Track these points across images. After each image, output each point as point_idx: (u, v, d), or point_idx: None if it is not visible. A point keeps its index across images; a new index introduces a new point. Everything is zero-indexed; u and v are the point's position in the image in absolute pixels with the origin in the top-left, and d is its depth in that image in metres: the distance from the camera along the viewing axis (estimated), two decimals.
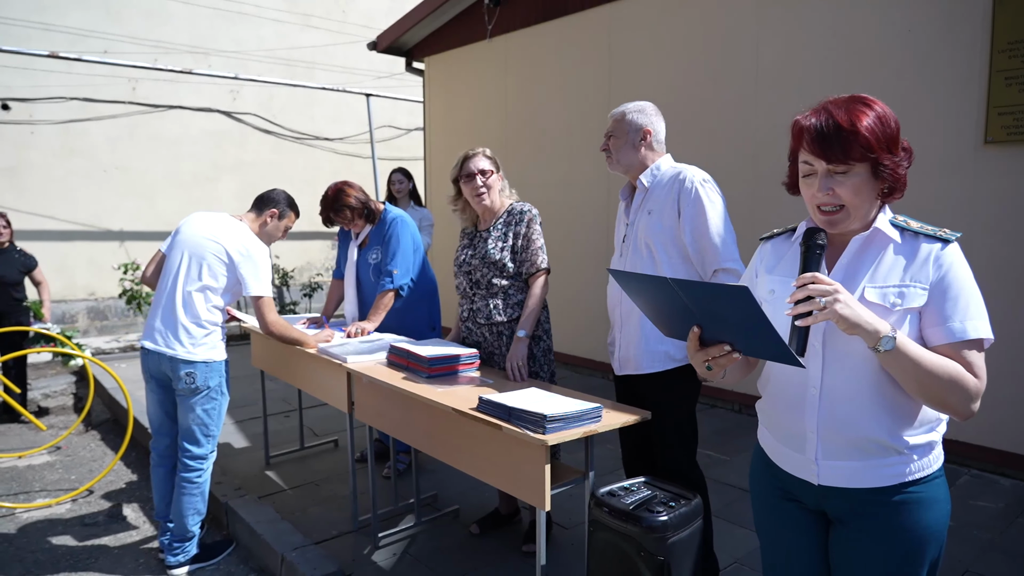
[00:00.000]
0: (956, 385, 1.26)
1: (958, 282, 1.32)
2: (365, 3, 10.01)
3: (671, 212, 2.42)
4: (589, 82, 5.74)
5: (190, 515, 2.98)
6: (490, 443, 2.25)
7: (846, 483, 1.40)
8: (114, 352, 7.34)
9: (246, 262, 3.00)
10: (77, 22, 7.70)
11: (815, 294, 1.25)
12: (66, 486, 4.11)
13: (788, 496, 1.52)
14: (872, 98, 1.36)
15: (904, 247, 1.37)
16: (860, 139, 1.30)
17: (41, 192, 7.68)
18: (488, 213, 2.97)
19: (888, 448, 1.35)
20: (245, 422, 4.84)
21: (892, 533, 1.38)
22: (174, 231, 3.11)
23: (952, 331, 1.30)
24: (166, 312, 2.96)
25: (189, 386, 2.93)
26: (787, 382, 1.45)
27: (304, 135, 9.66)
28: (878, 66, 4.00)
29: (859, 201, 1.34)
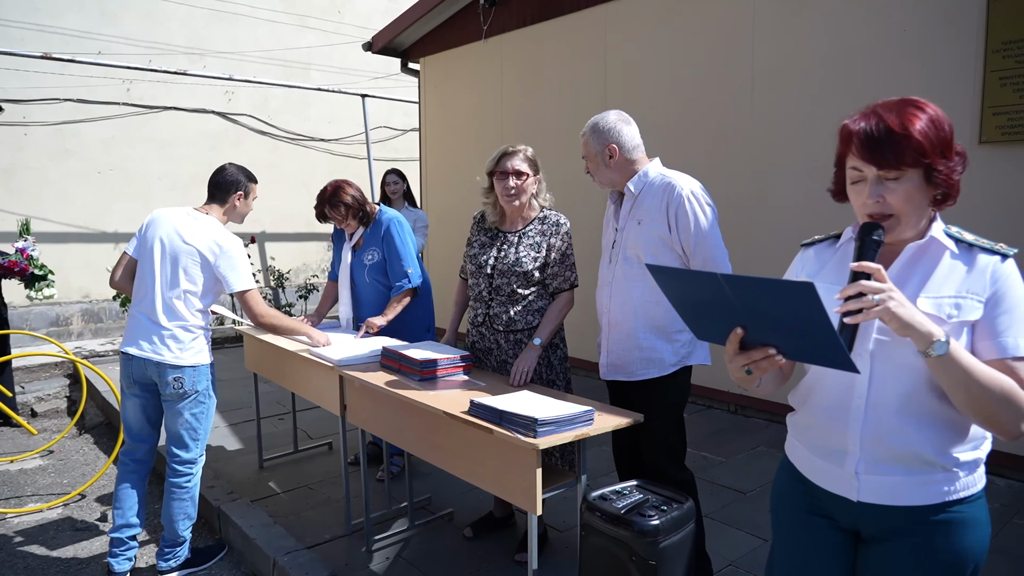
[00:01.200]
0: (1008, 400, 1.21)
1: (1015, 298, 1.27)
2: (361, 4, 9.99)
3: (661, 223, 2.41)
4: (585, 82, 5.72)
5: (181, 520, 2.96)
6: (481, 447, 2.23)
7: (887, 500, 1.34)
8: (108, 354, 7.30)
9: (222, 259, 2.92)
10: (72, 23, 7.68)
11: (868, 291, 1.19)
12: (58, 490, 4.08)
13: (820, 512, 1.46)
14: (924, 101, 1.31)
15: (960, 258, 1.31)
16: (913, 143, 1.24)
17: (35, 194, 7.65)
18: (516, 214, 2.86)
19: (934, 464, 1.30)
20: (238, 425, 4.82)
21: (930, 554, 1.33)
22: (139, 231, 3.00)
23: (1005, 346, 1.25)
24: (149, 318, 2.89)
25: (177, 391, 2.89)
26: (831, 392, 1.40)
27: (300, 136, 9.63)
28: (873, 67, 3.99)
29: (911, 208, 1.29)
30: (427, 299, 3.68)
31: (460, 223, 6.92)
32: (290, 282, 9.36)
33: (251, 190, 3.18)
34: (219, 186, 3.09)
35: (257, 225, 9.27)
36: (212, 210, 3.07)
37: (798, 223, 4.35)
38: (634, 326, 2.46)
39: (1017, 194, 3.55)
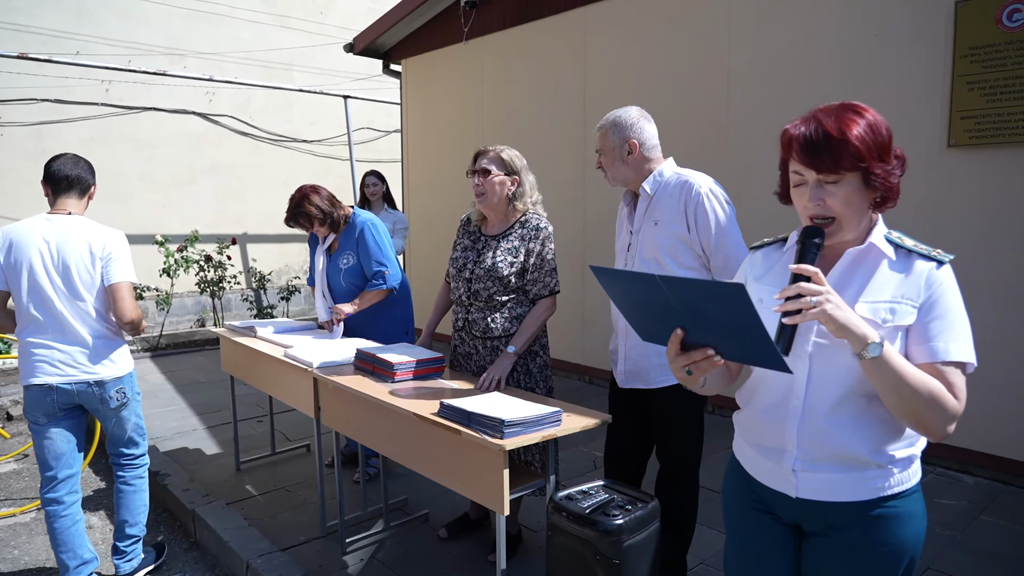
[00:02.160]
0: (936, 403, 1.25)
1: (947, 304, 1.31)
2: (343, 4, 9.97)
3: (679, 222, 2.38)
4: (565, 84, 5.75)
5: (142, 511, 2.98)
6: (450, 448, 2.25)
7: (824, 496, 1.39)
8: None
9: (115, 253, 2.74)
10: (49, 23, 7.61)
11: (806, 292, 1.22)
12: (32, 494, 4.05)
13: (764, 508, 1.50)
14: (863, 106, 1.34)
15: (898, 264, 1.35)
16: (850, 148, 1.28)
17: (12, 195, 7.56)
18: (494, 216, 2.83)
19: (868, 463, 1.35)
20: (216, 427, 4.80)
21: (867, 547, 1.37)
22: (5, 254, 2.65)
23: (935, 350, 1.29)
24: (63, 340, 2.68)
25: (121, 401, 2.82)
26: (771, 392, 1.44)
27: (282, 137, 9.60)
28: (845, 70, 4.04)
29: (850, 211, 1.33)
30: (406, 301, 3.68)
31: (442, 225, 6.93)
32: (272, 283, 9.32)
33: (93, 182, 2.95)
34: (75, 181, 2.81)
35: (239, 226, 9.23)
36: (75, 208, 2.81)
37: (773, 222, 4.39)
38: None
39: (984, 197, 3.61)
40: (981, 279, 3.64)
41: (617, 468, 2.67)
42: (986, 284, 3.63)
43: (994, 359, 3.61)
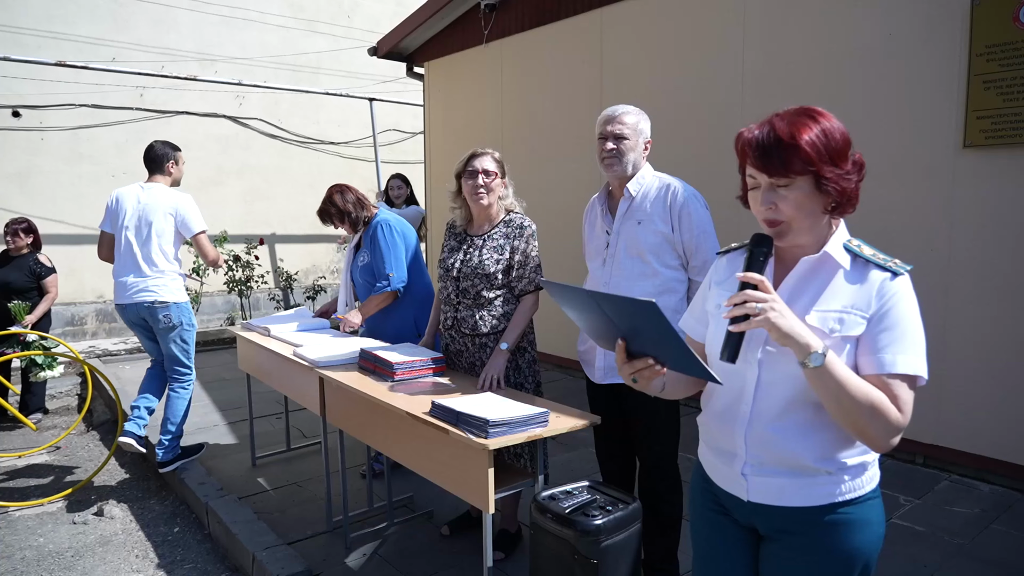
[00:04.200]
0: (877, 414, 1.24)
1: (898, 315, 1.29)
2: (370, 8, 10.11)
3: (664, 222, 2.44)
4: (581, 85, 5.77)
5: (180, 416, 3.93)
6: (441, 447, 2.30)
7: (774, 501, 1.39)
8: (120, 354, 7.49)
9: (180, 212, 3.84)
10: (86, 31, 7.88)
11: (751, 300, 1.23)
12: (61, 485, 4.22)
13: (721, 511, 1.52)
14: (822, 111, 1.34)
15: (853, 274, 1.34)
16: (800, 152, 1.27)
17: (50, 197, 7.86)
18: (483, 216, 2.89)
19: (817, 470, 1.35)
20: (235, 424, 4.93)
21: (820, 553, 1.37)
22: (108, 209, 3.91)
23: (882, 362, 1.28)
24: (134, 273, 3.78)
25: (167, 325, 3.84)
26: (725, 397, 1.45)
27: (309, 139, 9.78)
28: (859, 71, 3.99)
29: (802, 216, 1.32)
30: (424, 304, 3.60)
31: None
32: (299, 283, 9.50)
33: (178, 157, 4.04)
34: (154, 160, 3.95)
35: (266, 227, 9.43)
36: (159, 179, 3.96)
37: None
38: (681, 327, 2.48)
39: (1000, 198, 3.54)
40: (997, 282, 3.57)
41: (608, 463, 2.70)
42: (1002, 287, 3.55)
43: (1011, 363, 3.53)
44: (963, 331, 3.68)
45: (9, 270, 5.23)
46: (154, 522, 3.68)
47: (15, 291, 5.17)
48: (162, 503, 3.94)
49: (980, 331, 3.63)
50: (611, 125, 2.48)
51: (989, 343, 3.60)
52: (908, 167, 3.83)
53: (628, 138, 2.48)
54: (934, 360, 3.80)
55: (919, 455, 3.90)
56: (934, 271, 3.75)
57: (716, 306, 1.47)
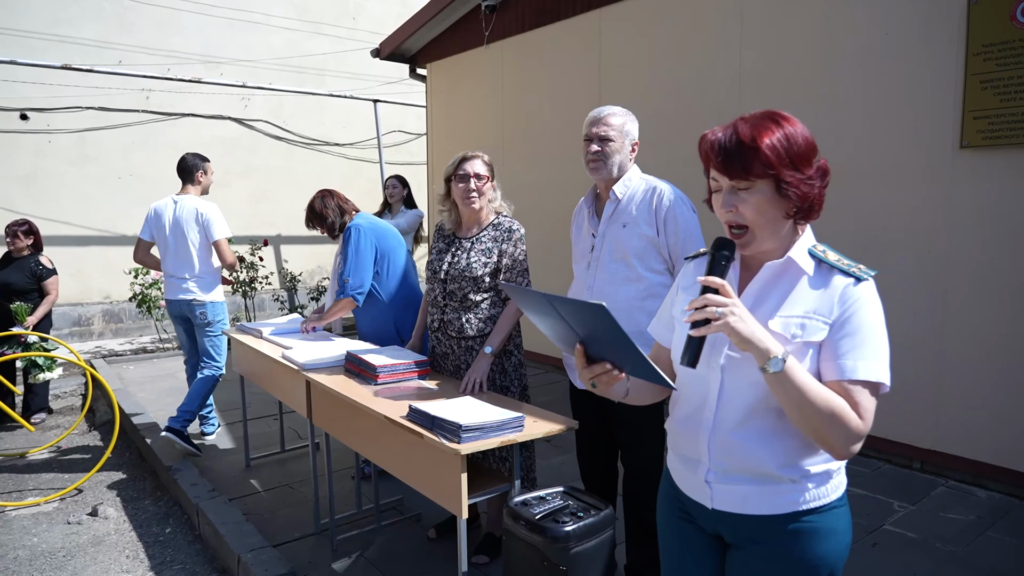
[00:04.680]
0: (836, 420, 1.23)
1: (860, 320, 1.27)
2: (375, 10, 10.13)
3: (649, 225, 2.41)
4: (580, 85, 5.75)
5: (197, 398, 4.32)
6: (417, 451, 2.29)
7: (738, 508, 1.38)
8: (126, 354, 7.55)
9: (206, 219, 4.33)
10: (92, 34, 7.95)
11: (711, 304, 1.22)
12: (59, 485, 4.25)
13: (687, 518, 1.51)
14: (787, 116, 1.32)
15: (816, 279, 1.32)
16: (761, 156, 1.26)
17: (57, 199, 7.94)
18: (472, 219, 2.89)
19: (780, 477, 1.33)
20: (233, 424, 4.95)
21: (784, 562, 1.36)
22: (147, 221, 4.46)
23: (843, 368, 1.26)
24: (176, 275, 4.36)
25: (203, 320, 4.38)
26: (690, 403, 1.44)
27: (314, 140, 9.81)
28: (856, 71, 3.94)
29: (763, 220, 1.30)
30: (404, 306, 3.59)
31: None
32: (303, 284, 9.54)
33: (207, 167, 4.49)
34: (186, 171, 4.43)
35: (271, 228, 9.47)
36: (190, 190, 4.44)
37: None
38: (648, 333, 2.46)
39: (998, 199, 3.48)
40: (994, 284, 3.51)
41: (590, 469, 2.68)
42: (1000, 289, 3.49)
43: (1011, 367, 3.48)
44: (962, 334, 3.63)
45: (10, 271, 5.28)
46: (147, 522, 3.71)
47: (16, 292, 5.22)
48: (156, 503, 3.96)
49: (979, 334, 3.57)
50: (596, 127, 2.46)
51: (988, 346, 3.55)
52: (905, 168, 3.78)
53: (613, 140, 2.45)
54: (932, 363, 3.76)
55: (917, 460, 3.85)
56: (932, 273, 3.70)
57: (681, 311, 1.46)
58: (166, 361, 7.33)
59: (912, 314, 3.76)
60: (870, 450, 4.02)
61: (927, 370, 3.74)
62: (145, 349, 7.69)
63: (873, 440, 3.98)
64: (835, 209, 4.02)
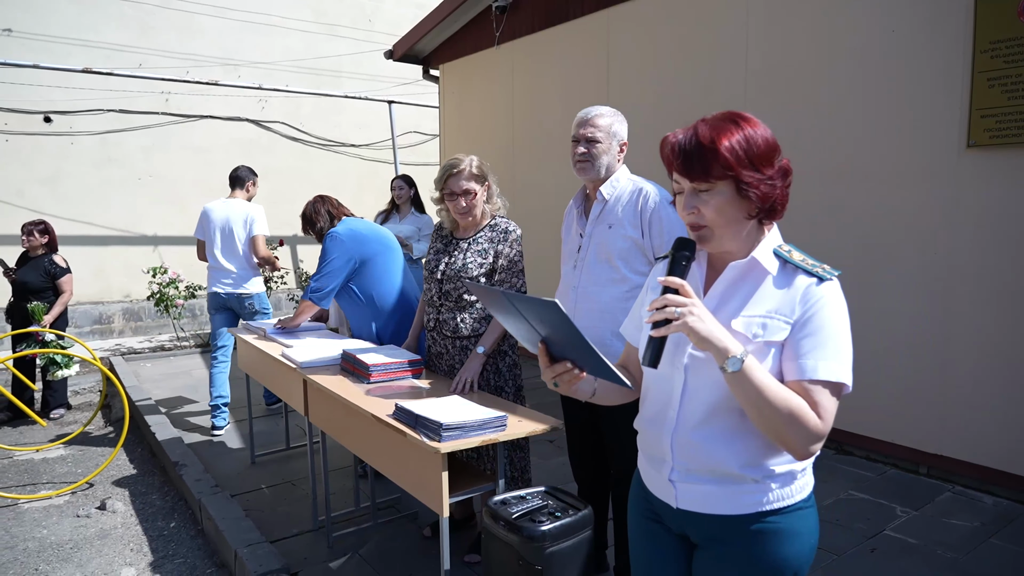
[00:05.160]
0: (795, 420, 1.22)
1: (822, 321, 1.27)
2: (391, 12, 10.21)
3: (634, 227, 2.41)
4: (589, 85, 5.74)
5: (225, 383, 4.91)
6: (402, 449, 2.31)
7: (701, 508, 1.38)
8: (144, 352, 7.70)
9: (252, 218, 4.91)
10: (113, 38, 8.12)
11: (671, 304, 1.23)
12: (71, 479, 4.35)
13: (654, 518, 1.51)
14: (748, 117, 1.32)
15: (780, 279, 1.32)
16: (720, 157, 1.26)
17: (79, 200, 8.11)
18: (468, 222, 2.90)
19: (742, 477, 1.33)
20: (243, 422, 5.01)
21: (747, 563, 1.36)
22: (200, 221, 4.93)
23: (803, 368, 1.26)
24: (222, 269, 4.85)
25: (251, 309, 4.88)
26: (655, 402, 1.44)
27: (330, 142, 9.91)
28: (861, 68, 3.89)
29: (724, 221, 1.31)
30: (391, 311, 3.52)
31: None
32: None
33: (255, 181, 5.18)
34: (238, 179, 5.07)
35: (288, 228, 9.56)
36: (239, 194, 5.04)
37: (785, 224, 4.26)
38: (600, 331, 2.46)
39: (1006, 200, 3.41)
40: (1000, 285, 3.44)
41: (580, 471, 2.68)
42: (1006, 291, 3.42)
43: (1018, 370, 3.40)
44: (967, 337, 3.56)
45: (26, 270, 5.41)
46: (153, 517, 3.78)
47: (32, 291, 5.35)
48: (163, 498, 4.04)
49: (985, 337, 3.51)
50: (583, 128, 2.46)
51: (993, 349, 3.48)
52: (910, 168, 3.72)
53: (600, 141, 2.45)
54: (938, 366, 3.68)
55: (923, 465, 3.79)
56: (936, 275, 3.64)
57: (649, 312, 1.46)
58: (182, 359, 7.46)
59: (916, 316, 3.70)
60: (876, 454, 3.96)
61: (932, 372, 3.67)
62: (163, 347, 7.83)
63: (878, 444, 3.93)
64: (837, 209, 3.98)
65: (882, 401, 3.84)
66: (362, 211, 6.63)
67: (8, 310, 5.52)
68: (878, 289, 3.83)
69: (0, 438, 5.13)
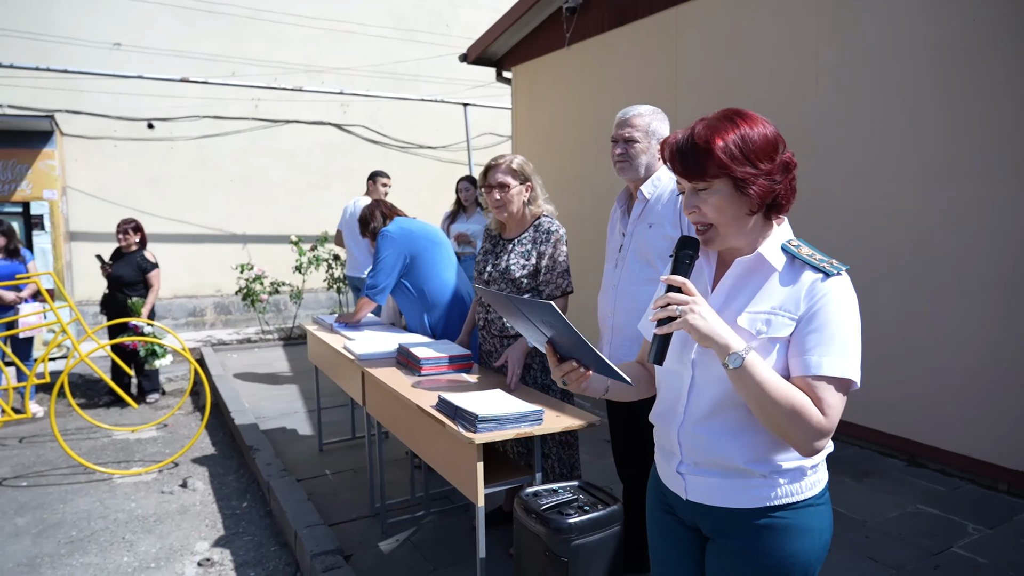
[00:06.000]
0: (797, 417, 1.22)
1: (828, 316, 1.25)
2: (468, 16, 10.41)
3: (674, 227, 2.41)
4: (656, 84, 5.68)
5: None
6: (443, 439, 2.39)
7: (710, 500, 1.39)
8: (232, 343, 8.18)
9: None
10: (209, 49, 8.68)
11: (673, 302, 1.25)
12: (159, 458, 4.71)
13: (668, 510, 1.53)
14: (746, 113, 1.32)
15: (786, 275, 1.31)
16: (714, 157, 1.27)
17: (177, 200, 8.72)
18: (512, 222, 2.95)
19: (748, 472, 1.33)
20: (314, 411, 5.27)
21: (754, 556, 1.36)
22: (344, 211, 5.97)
23: (808, 364, 1.25)
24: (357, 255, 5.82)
25: None
26: (666, 397, 1.46)
27: (408, 144, 10.21)
28: (939, 61, 3.69)
29: (724, 219, 1.31)
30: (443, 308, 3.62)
31: None
32: None
33: (379, 181, 5.98)
34: (369, 179, 6.03)
35: None
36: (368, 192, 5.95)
37: (858, 224, 4.10)
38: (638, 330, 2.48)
39: None
40: None
41: (625, 468, 2.69)
42: None
43: None
44: None
45: (121, 265, 5.89)
46: (228, 496, 4.04)
47: (125, 284, 5.82)
48: (239, 480, 4.30)
49: None
50: (621, 129, 2.48)
51: None
52: (987, 164, 3.50)
53: (638, 141, 2.46)
54: None
55: (1003, 482, 3.55)
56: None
57: None
58: (266, 351, 7.88)
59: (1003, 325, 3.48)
60: (951, 468, 3.75)
61: (1020, 385, 3.44)
62: (249, 339, 8.29)
63: (954, 457, 3.71)
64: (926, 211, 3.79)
65: (960, 413, 3.64)
66: (437, 211, 6.84)
67: (103, 301, 6.03)
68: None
69: (102, 419, 5.60)
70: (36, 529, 3.64)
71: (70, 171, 8.13)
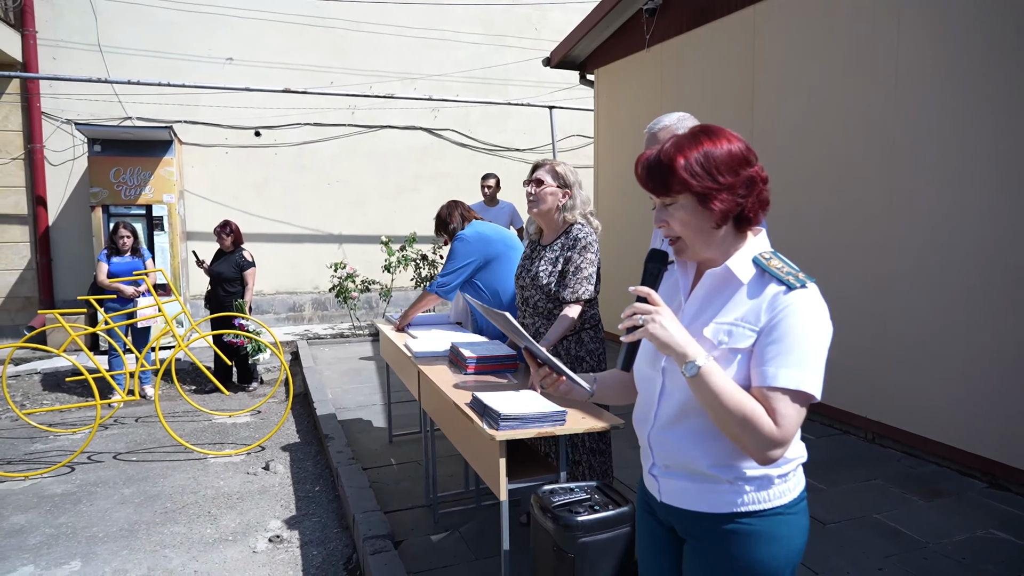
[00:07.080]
0: (749, 425, 1.25)
1: (787, 328, 1.28)
2: (557, 20, 10.49)
3: None
4: (734, 84, 5.56)
5: None
6: (474, 435, 2.51)
7: (680, 503, 1.44)
8: (326, 338, 8.68)
9: None
10: (310, 60, 9.24)
11: (638, 312, 1.31)
12: (249, 442, 5.12)
13: (649, 510, 1.58)
14: (717, 129, 1.37)
15: (753, 286, 1.34)
16: (676, 173, 1.32)
17: (279, 202, 9.34)
18: (548, 226, 3.04)
19: (714, 477, 1.37)
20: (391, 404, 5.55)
21: (720, 561, 1.40)
22: None
23: (764, 375, 1.28)
24: None
25: None
26: (642, 402, 1.52)
27: (497, 147, 10.43)
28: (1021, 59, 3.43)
29: (690, 232, 1.36)
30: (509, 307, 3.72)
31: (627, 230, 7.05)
32: None
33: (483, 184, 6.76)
34: None
35: None
36: None
37: (941, 227, 3.88)
38: None
39: None
40: None
41: None
42: None
43: None
44: None
45: (221, 263, 6.44)
46: (304, 480, 4.36)
47: (225, 280, 6.37)
48: (315, 465, 4.62)
49: None
50: (648, 141, 2.53)
51: None
52: None
53: None
54: None
55: None
56: None
57: None
58: (355, 345, 8.33)
59: None
60: None
61: None
62: (342, 334, 8.77)
63: None
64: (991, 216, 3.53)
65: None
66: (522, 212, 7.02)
67: (207, 296, 6.61)
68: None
69: (205, 404, 6.14)
70: (139, 499, 4.07)
71: (187, 176, 8.91)
